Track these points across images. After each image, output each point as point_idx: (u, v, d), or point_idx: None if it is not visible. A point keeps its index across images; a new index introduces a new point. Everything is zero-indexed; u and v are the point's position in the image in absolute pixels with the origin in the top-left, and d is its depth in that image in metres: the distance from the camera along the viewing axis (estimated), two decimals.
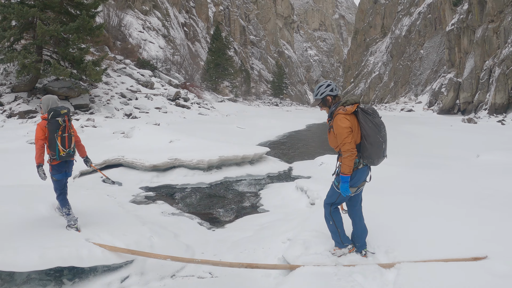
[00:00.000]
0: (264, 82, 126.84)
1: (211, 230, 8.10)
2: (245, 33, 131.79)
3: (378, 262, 5.20)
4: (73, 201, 7.89)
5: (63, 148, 6.26)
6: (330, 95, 5.34)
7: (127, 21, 53.00)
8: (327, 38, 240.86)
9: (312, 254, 5.52)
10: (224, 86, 74.97)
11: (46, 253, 5.29)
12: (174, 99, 36.99)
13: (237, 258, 6.32)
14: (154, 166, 12.63)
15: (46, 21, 24.14)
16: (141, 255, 5.87)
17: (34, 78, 25.54)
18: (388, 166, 12.85)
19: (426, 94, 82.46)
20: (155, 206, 9.68)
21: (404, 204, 7.13)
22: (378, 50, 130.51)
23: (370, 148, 5.06)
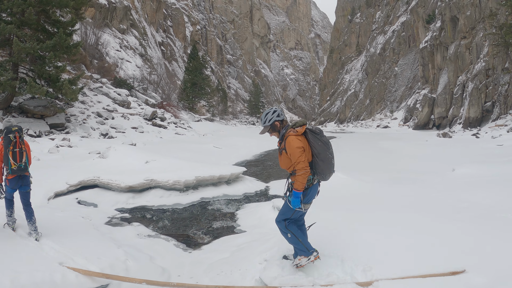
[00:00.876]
0: (241, 101, 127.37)
1: (187, 252, 8.03)
2: (222, 52, 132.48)
3: (356, 281, 5.20)
4: (48, 223, 7.84)
5: (14, 162, 6.74)
6: (278, 120, 5.66)
7: (104, 40, 52.86)
8: (303, 57, 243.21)
9: (289, 275, 5.53)
10: (201, 106, 74.96)
11: (19, 277, 5.21)
12: (151, 119, 36.86)
13: (214, 280, 6.26)
14: (130, 187, 12.51)
15: (22, 38, 23.95)
16: (116, 279, 5.81)
17: (10, 96, 25.22)
18: (364, 182, 13.02)
19: (402, 110, 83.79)
20: (131, 228, 9.56)
21: (380, 220, 7.19)
22: (354, 68, 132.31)
23: (322, 164, 5.43)
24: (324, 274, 5.40)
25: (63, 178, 12.95)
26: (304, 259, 5.60)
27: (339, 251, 5.81)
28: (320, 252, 5.81)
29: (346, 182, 13.07)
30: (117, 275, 5.93)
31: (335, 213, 8.05)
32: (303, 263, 5.62)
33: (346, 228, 6.74)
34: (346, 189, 12.18)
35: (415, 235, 6.27)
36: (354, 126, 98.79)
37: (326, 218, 7.63)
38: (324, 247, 5.94)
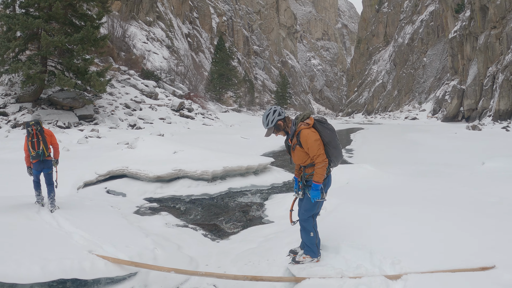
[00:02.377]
0: (268, 92, 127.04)
1: (215, 241, 8.03)
2: (249, 43, 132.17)
3: (384, 273, 5.10)
4: (77, 212, 7.93)
5: (33, 150, 8.08)
6: (280, 119, 5.55)
7: (131, 32, 53.17)
8: (330, 47, 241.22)
9: (317, 266, 5.46)
10: (228, 96, 75.06)
11: (48, 265, 5.26)
12: (178, 110, 37.01)
13: (241, 270, 6.24)
14: (158, 177, 12.57)
15: (50, 32, 24.24)
16: (145, 267, 5.83)
17: (39, 88, 25.65)
18: (392, 175, 12.84)
19: (430, 102, 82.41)
20: (159, 217, 9.62)
21: (408, 214, 7.05)
22: (381, 58, 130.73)
23: (335, 151, 5.51)
24: (353, 266, 5.31)
25: (92, 168, 13.09)
26: (309, 259, 5.75)
27: (367, 244, 5.72)
28: (349, 244, 5.78)
29: (374, 174, 12.94)
30: (145, 263, 5.95)
31: (364, 205, 7.94)
32: (306, 262, 5.73)
33: (374, 221, 6.63)
34: (374, 182, 12.05)
35: (444, 229, 6.13)
36: (382, 117, 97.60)
37: (354, 210, 7.54)
38: (353, 240, 5.86)
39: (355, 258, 5.49)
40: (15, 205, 8.06)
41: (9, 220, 6.87)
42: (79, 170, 12.94)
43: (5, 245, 5.66)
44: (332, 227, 6.66)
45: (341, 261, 5.51)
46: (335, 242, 5.91)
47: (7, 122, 23.43)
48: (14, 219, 6.94)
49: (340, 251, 5.69)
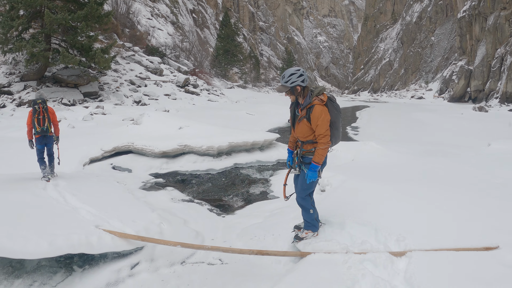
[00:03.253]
0: (274, 68, 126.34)
1: (220, 216, 8.08)
2: (254, 19, 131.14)
3: (389, 250, 5.09)
4: (83, 188, 7.97)
5: (39, 126, 8.63)
6: (301, 85, 5.27)
7: (135, 8, 52.84)
8: (337, 24, 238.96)
9: (323, 241, 5.46)
10: (233, 73, 74.84)
11: (56, 240, 5.28)
12: (184, 86, 36.95)
13: (247, 244, 6.27)
14: (164, 152, 12.59)
15: (53, 10, 24.15)
16: (151, 241, 5.85)
17: (43, 66, 25.62)
18: (398, 153, 12.79)
19: (437, 82, 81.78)
20: (165, 192, 9.66)
21: (414, 192, 7.01)
22: (389, 36, 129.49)
23: (336, 132, 5.39)
24: (358, 242, 5.31)
25: (98, 145, 13.11)
26: (310, 234, 5.76)
27: (373, 220, 5.70)
28: (354, 220, 5.78)
29: (380, 152, 12.92)
30: (152, 237, 5.97)
31: (369, 182, 7.91)
32: (308, 238, 5.73)
33: (380, 198, 6.61)
34: (380, 159, 12.02)
35: (449, 208, 6.09)
36: (388, 96, 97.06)
37: (360, 187, 7.52)
38: (358, 216, 5.85)
39: (360, 234, 5.49)
40: (21, 182, 8.12)
41: (16, 197, 6.90)
42: (85, 146, 12.96)
43: (13, 222, 5.68)
44: (337, 203, 6.66)
45: (346, 237, 5.51)
46: (341, 218, 5.90)
47: (12, 100, 23.46)
48: (21, 196, 6.97)
49: (346, 227, 5.69)
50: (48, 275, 5.39)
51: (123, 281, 5.39)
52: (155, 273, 5.62)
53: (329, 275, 4.76)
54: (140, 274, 5.56)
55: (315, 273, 4.86)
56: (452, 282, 4.29)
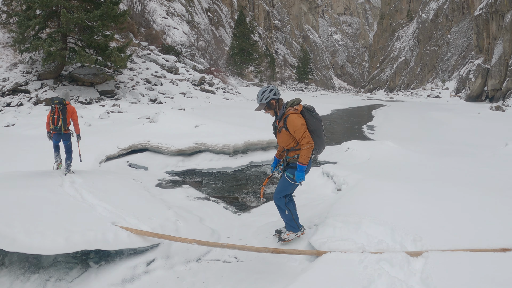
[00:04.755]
0: (289, 67, 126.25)
1: (236, 214, 8.07)
2: (270, 17, 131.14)
3: (405, 250, 5.04)
4: (100, 185, 8.01)
5: (52, 124, 9.26)
6: (274, 98, 5.77)
7: (151, 8, 53.08)
8: (353, 22, 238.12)
9: (339, 240, 5.42)
10: (249, 71, 74.91)
11: (72, 236, 5.31)
12: (199, 84, 37.03)
13: (262, 243, 6.26)
14: (180, 150, 12.64)
15: (70, 9, 24.36)
16: (167, 238, 5.85)
17: (60, 65, 25.84)
18: (413, 152, 12.70)
19: (454, 80, 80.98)
20: (181, 190, 9.69)
21: (430, 192, 6.92)
22: (405, 34, 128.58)
23: (318, 140, 5.73)
24: (374, 242, 5.25)
25: (114, 142, 13.20)
26: (292, 234, 6.11)
27: (389, 220, 5.64)
28: (370, 219, 5.71)
29: (396, 151, 12.85)
30: (168, 235, 5.96)
31: (385, 181, 7.83)
32: (291, 238, 6.10)
33: (396, 197, 6.54)
34: (396, 159, 11.96)
35: (466, 208, 6.00)
36: (404, 94, 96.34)
37: (376, 186, 7.45)
38: (374, 215, 5.79)
39: (377, 234, 5.43)
40: (38, 179, 8.16)
41: (33, 193, 6.94)
42: (101, 144, 13.07)
43: (30, 218, 5.71)
44: (353, 202, 6.61)
45: (363, 236, 5.45)
46: (357, 217, 5.85)
47: (29, 99, 23.66)
48: (38, 193, 7.01)
49: (362, 226, 5.63)
50: (64, 270, 5.41)
51: (139, 278, 5.40)
52: (170, 270, 5.62)
53: (345, 274, 4.72)
54: (155, 271, 5.56)
55: (331, 272, 4.83)
56: (469, 283, 4.23)
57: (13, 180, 7.91)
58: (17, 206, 6.19)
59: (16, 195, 6.73)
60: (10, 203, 6.27)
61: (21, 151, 12.86)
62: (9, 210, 5.95)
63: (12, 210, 5.99)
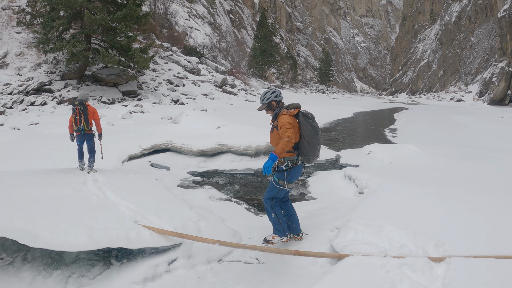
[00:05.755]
0: (311, 69, 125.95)
1: (258, 216, 8.05)
2: (291, 19, 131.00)
3: (427, 255, 4.96)
4: (122, 184, 8.07)
5: (75, 125, 9.48)
6: (275, 100, 5.97)
7: (173, 9, 53.37)
8: (375, 24, 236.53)
9: (361, 244, 5.36)
10: (270, 73, 74.86)
11: (95, 234, 5.37)
12: (221, 86, 37.15)
13: (284, 245, 6.21)
14: (202, 151, 12.70)
15: (93, 11, 24.69)
16: (190, 238, 5.86)
17: (83, 66, 26.16)
18: (435, 156, 12.55)
19: (477, 84, 79.64)
20: (203, 190, 9.71)
21: (452, 196, 6.82)
22: (427, 37, 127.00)
23: (307, 146, 5.71)
24: (396, 246, 5.17)
25: (137, 142, 13.31)
26: (277, 238, 6.10)
27: (411, 224, 5.57)
28: (392, 223, 5.64)
29: (418, 155, 12.71)
30: (190, 234, 5.98)
31: (408, 185, 7.76)
32: (275, 241, 6.09)
33: (418, 201, 6.47)
34: (419, 162, 11.83)
35: (489, 214, 5.89)
36: (426, 98, 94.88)
37: (398, 190, 7.37)
38: (396, 219, 5.73)
39: (399, 238, 5.35)
40: (61, 177, 8.29)
41: (57, 191, 7.04)
42: (124, 144, 13.19)
43: (54, 215, 5.79)
44: (375, 206, 6.55)
45: (385, 240, 5.39)
46: (379, 221, 5.79)
47: (53, 98, 23.99)
48: (61, 190, 7.10)
49: (384, 230, 5.57)
50: (86, 267, 5.48)
51: (160, 277, 5.42)
52: (192, 269, 5.63)
53: (366, 279, 4.66)
54: (177, 270, 5.58)
55: (352, 275, 4.77)
56: None
57: (37, 177, 8.05)
58: (41, 203, 6.30)
59: (40, 192, 6.85)
60: (34, 200, 6.38)
61: (45, 149, 13.09)
62: (33, 207, 6.05)
63: (36, 206, 6.08)
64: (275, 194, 5.94)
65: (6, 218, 5.45)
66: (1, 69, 26.00)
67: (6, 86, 24.15)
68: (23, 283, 5.19)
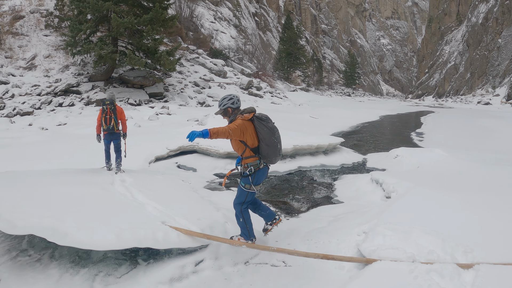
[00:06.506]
0: (336, 71, 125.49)
1: (284, 219, 8.00)
2: (316, 22, 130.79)
3: (456, 261, 4.89)
4: (149, 184, 8.14)
5: (105, 124, 9.76)
6: (231, 107, 6.06)
7: (199, 12, 53.73)
8: (400, 26, 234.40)
9: (389, 249, 5.30)
10: (296, 76, 74.78)
11: (123, 233, 5.42)
12: (247, 88, 37.22)
13: (310, 248, 6.17)
14: (229, 153, 12.71)
15: (120, 14, 25.03)
16: (217, 240, 5.89)
17: (110, 68, 26.54)
18: (463, 161, 12.35)
19: (504, 87, 78.35)
20: (229, 192, 9.71)
21: (481, 202, 6.70)
22: (454, 38, 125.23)
23: (267, 148, 5.89)
24: (424, 252, 5.11)
25: (163, 144, 13.41)
26: (243, 240, 6.16)
27: (439, 230, 5.53)
28: (420, 229, 5.60)
29: (447, 159, 12.53)
30: (217, 236, 6.01)
31: (435, 190, 7.65)
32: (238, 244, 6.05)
33: (447, 207, 6.39)
34: (446, 167, 11.65)
35: None
36: (453, 101, 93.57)
37: (426, 195, 7.29)
38: (425, 225, 5.68)
39: (427, 244, 5.29)
40: (90, 177, 8.42)
41: (85, 190, 7.14)
42: (150, 145, 13.31)
43: (82, 214, 5.88)
44: (403, 211, 6.51)
45: (413, 246, 5.33)
46: (407, 226, 5.74)
47: (81, 99, 24.37)
48: (90, 190, 7.21)
49: (412, 235, 5.51)
50: (113, 266, 5.53)
51: (187, 277, 5.44)
52: (218, 271, 5.63)
53: (394, 284, 4.61)
54: (203, 271, 5.59)
55: (380, 281, 4.72)
56: None
57: (66, 177, 8.19)
58: (70, 202, 6.41)
59: (69, 191, 6.96)
60: (63, 199, 6.50)
61: (73, 149, 13.29)
62: (62, 206, 6.16)
63: (65, 205, 6.19)
64: (244, 199, 6.08)
65: (35, 216, 5.55)
66: (30, 70, 26.52)
67: (34, 88, 24.62)
68: (50, 280, 5.26)
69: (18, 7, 31.92)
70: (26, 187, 7.10)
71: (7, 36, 28.47)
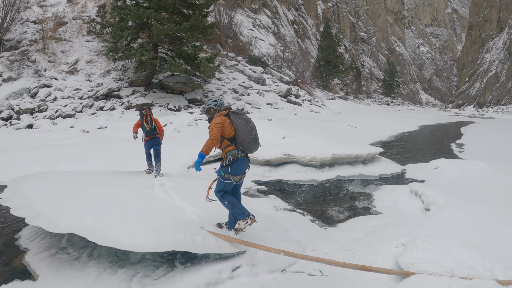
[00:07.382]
0: (375, 80, 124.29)
1: (322, 228, 7.99)
2: (355, 29, 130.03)
3: (495, 277, 4.80)
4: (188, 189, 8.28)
5: (147, 125, 9.83)
6: (213, 108, 6.54)
7: (238, 20, 54.07)
8: (440, 34, 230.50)
9: (427, 262, 5.25)
10: (334, 84, 74.35)
11: (162, 236, 5.52)
12: (286, 96, 37.21)
13: (348, 258, 6.14)
14: (267, 161, 12.77)
15: (160, 21, 25.46)
16: (255, 247, 5.91)
17: (151, 73, 26.99)
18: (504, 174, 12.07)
19: None
20: (267, 200, 9.76)
21: None
22: (495, 46, 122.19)
23: (242, 135, 6.17)
24: (464, 267, 5.05)
25: None
26: (243, 222, 6.16)
27: (479, 245, 5.46)
28: (460, 243, 5.52)
29: (488, 172, 12.31)
30: (255, 243, 6.02)
31: (476, 204, 7.54)
32: (242, 227, 6.22)
33: (487, 221, 6.31)
34: (488, 180, 11.44)
35: None
36: (494, 111, 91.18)
37: (466, 208, 7.19)
38: (464, 239, 5.60)
39: (466, 258, 5.22)
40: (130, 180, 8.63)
41: (126, 193, 7.35)
42: (190, 150, 13.42)
43: (123, 216, 6.05)
44: (443, 224, 6.43)
45: (452, 260, 5.26)
46: (446, 240, 5.67)
47: (121, 104, 24.82)
48: (130, 192, 7.43)
49: (451, 250, 5.44)
50: (151, 268, 5.65)
51: (223, 282, 5.48)
52: (255, 278, 5.64)
53: None
54: (240, 277, 5.61)
55: None
56: None
57: (107, 178, 8.43)
58: (110, 203, 6.60)
59: (109, 193, 7.16)
60: (104, 200, 6.70)
61: (113, 152, 13.56)
62: (102, 207, 6.34)
63: (105, 206, 6.38)
64: (222, 188, 6.30)
65: (77, 216, 5.76)
66: (72, 75, 27.20)
67: (76, 91, 25.27)
68: (88, 278, 5.42)
69: (61, 13, 32.98)
70: (68, 187, 7.33)
71: (50, 41, 29.31)
